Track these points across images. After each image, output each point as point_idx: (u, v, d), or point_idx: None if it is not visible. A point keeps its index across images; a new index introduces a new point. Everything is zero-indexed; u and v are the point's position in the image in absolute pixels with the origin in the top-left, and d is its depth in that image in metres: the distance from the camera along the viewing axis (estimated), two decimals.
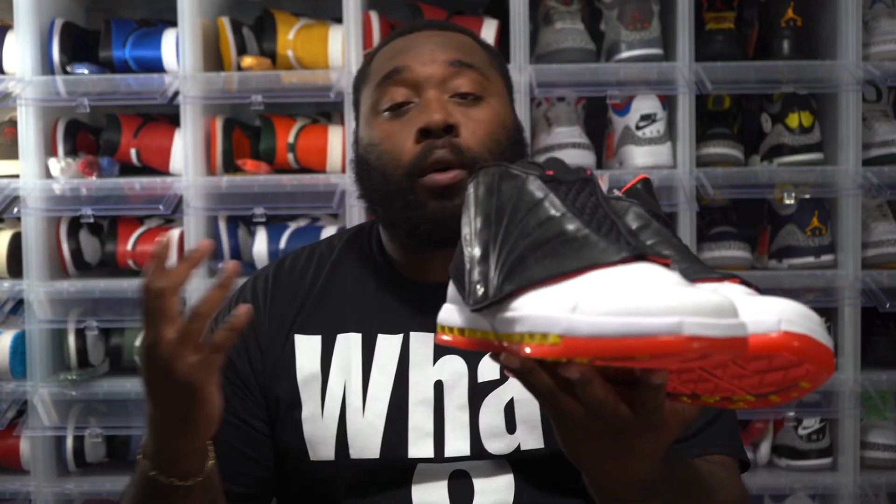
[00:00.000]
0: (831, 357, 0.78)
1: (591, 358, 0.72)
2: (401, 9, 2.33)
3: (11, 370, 2.19)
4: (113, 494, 2.21)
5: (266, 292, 1.26)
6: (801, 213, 2.19)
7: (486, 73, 1.21)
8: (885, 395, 2.25)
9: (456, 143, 1.15)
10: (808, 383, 0.79)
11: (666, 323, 0.68)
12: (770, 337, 0.75)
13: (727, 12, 2.21)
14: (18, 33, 2.19)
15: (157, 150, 2.24)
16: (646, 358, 0.70)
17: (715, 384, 0.81)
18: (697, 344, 0.69)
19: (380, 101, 1.20)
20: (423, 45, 1.21)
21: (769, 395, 0.81)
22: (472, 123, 1.17)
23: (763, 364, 0.77)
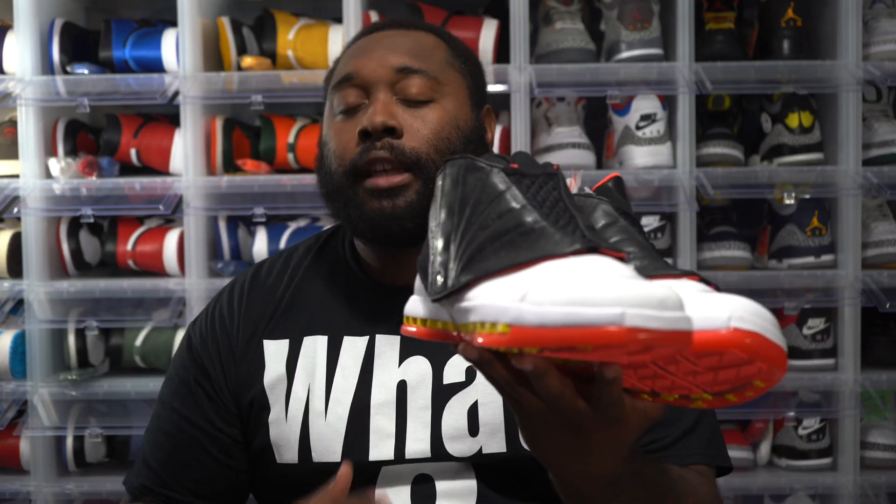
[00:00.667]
0: (783, 355, 0.78)
1: (539, 348, 0.72)
2: (401, 9, 2.33)
3: (11, 370, 2.19)
4: (113, 494, 2.21)
5: (241, 299, 1.27)
6: (801, 213, 2.19)
7: (438, 75, 1.21)
8: (885, 395, 2.25)
9: (395, 145, 1.16)
10: (761, 382, 0.79)
11: (608, 313, 0.69)
12: (719, 333, 0.76)
13: (727, 12, 2.21)
14: (18, 33, 2.19)
15: (157, 150, 2.24)
16: (589, 349, 0.70)
17: (671, 381, 0.82)
18: (640, 335, 0.69)
19: (335, 103, 1.22)
20: (377, 48, 1.22)
21: (725, 394, 0.82)
22: (417, 124, 1.18)
23: (714, 361, 0.78)
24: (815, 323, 2.20)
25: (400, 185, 1.15)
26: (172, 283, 2.17)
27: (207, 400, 1.24)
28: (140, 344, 2.22)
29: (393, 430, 1.16)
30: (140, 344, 2.22)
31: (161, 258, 2.21)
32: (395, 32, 1.25)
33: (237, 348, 1.24)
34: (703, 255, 2.21)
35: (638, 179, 2.14)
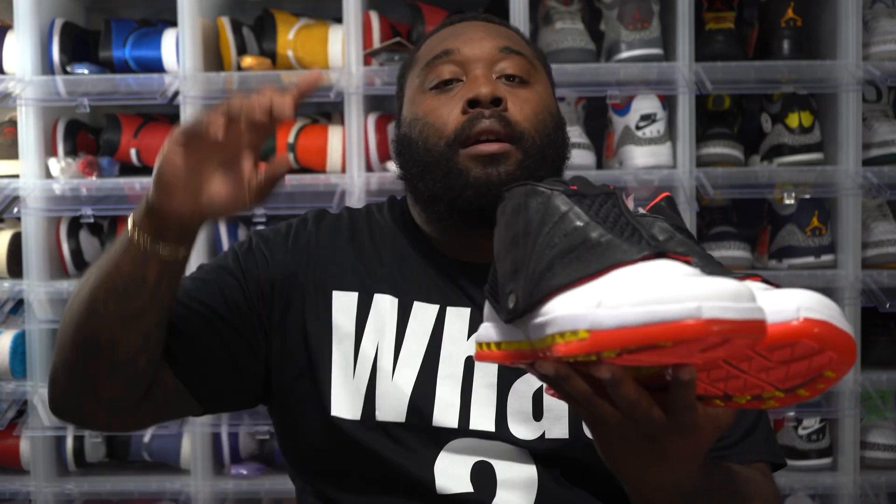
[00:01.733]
0: (852, 343, 0.80)
1: (619, 350, 0.74)
2: (401, 9, 2.33)
3: (11, 370, 2.19)
4: (113, 494, 2.21)
5: (316, 236, 1.25)
6: (801, 213, 2.19)
7: (533, 62, 1.24)
8: (885, 395, 2.25)
9: (504, 116, 1.16)
10: (832, 372, 0.80)
11: (686, 308, 0.71)
12: (790, 324, 0.78)
13: (727, 12, 2.21)
14: (18, 33, 2.19)
15: (156, 150, 2.20)
16: (669, 345, 0.72)
17: (744, 381, 0.82)
18: (717, 327, 0.71)
19: (426, 79, 1.22)
20: (473, 31, 1.24)
21: (797, 390, 0.82)
22: (519, 101, 1.19)
23: (786, 353, 0.79)
24: None
25: (504, 152, 1.15)
26: None
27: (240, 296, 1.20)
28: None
29: (458, 402, 1.15)
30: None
31: None
32: (485, 24, 1.27)
33: (305, 279, 1.21)
34: None
35: (638, 179, 2.14)
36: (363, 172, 2.15)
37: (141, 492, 2.19)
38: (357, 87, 2.13)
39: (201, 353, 1.18)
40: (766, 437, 1.19)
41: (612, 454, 0.88)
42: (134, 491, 2.19)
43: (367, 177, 2.14)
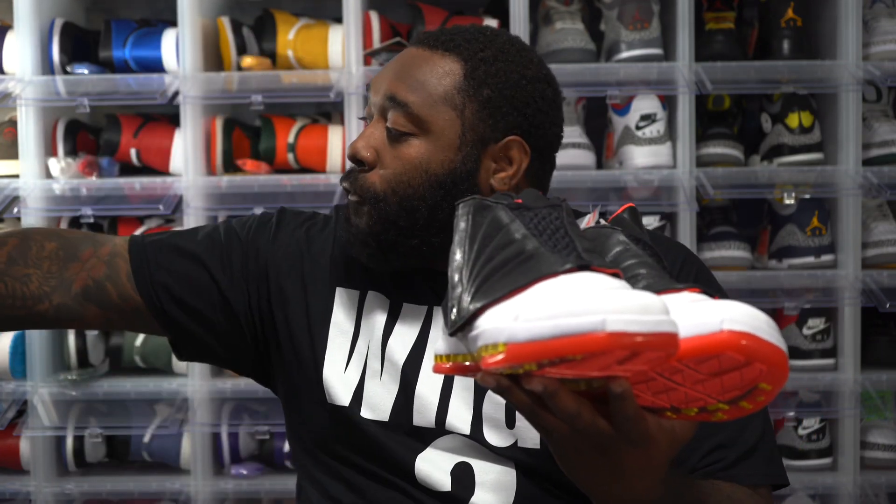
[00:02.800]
0: (779, 354, 0.80)
1: (535, 363, 0.75)
2: (401, 9, 2.33)
3: (11, 370, 2.19)
4: (113, 494, 2.21)
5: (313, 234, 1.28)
6: (801, 213, 2.19)
7: (423, 111, 1.16)
8: (885, 395, 2.25)
9: (360, 177, 1.18)
10: (767, 384, 0.81)
11: (590, 321, 0.73)
12: (712, 336, 0.78)
13: (727, 12, 2.21)
14: (18, 33, 2.19)
15: (157, 150, 2.24)
16: (579, 358, 0.74)
17: (684, 393, 0.83)
18: (622, 340, 0.72)
19: None
20: (388, 69, 1.22)
21: (739, 402, 0.82)
22: (388, 158, 1.18)
23: (714, 365, 0.79)
24: (815, 323, 2.20)
25: (356, 206, 1.19)
26: None
27: (222, 273, 1.24)
28: (140, 344, 2.22)
29: (436, 401, 1.18)
30: (140, 344, 2.22)
31: None
32: (415, 52, 1.21)
33: (308, 270, 1.25)
34: (703, 255, 2.21)
35: (638, 179, 2.14)
36: None
37: (141, 492, 2.19)
38: (357, 87, 2.13)
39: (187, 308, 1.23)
40: (767, 458, 1.17)
41: (568, 466, 0.88)
42: (134, 491, 2.19)
43: None
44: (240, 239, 1.26)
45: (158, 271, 1.22)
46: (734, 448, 1.15)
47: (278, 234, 1.27)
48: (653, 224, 2.18)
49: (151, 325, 1.24)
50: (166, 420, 2.18)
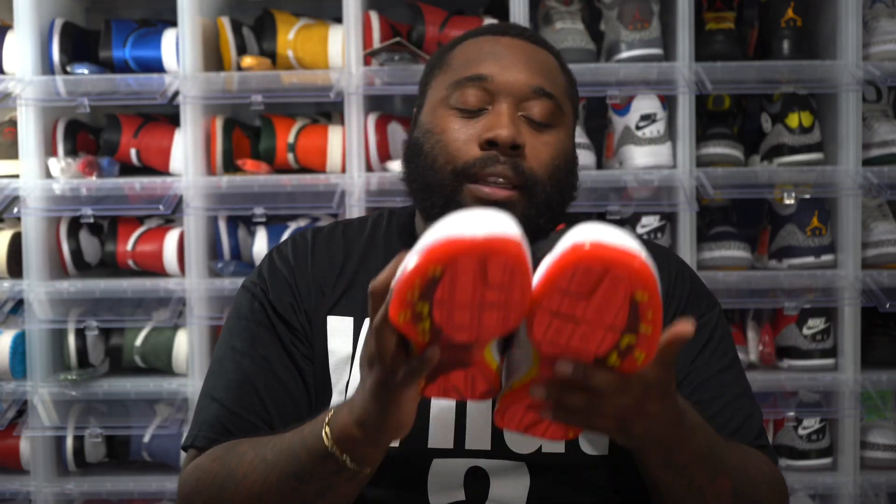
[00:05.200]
0: (628, 255, 0.84)
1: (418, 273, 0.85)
2: (401, 9, 2.33)
3: (11, 370, 2.19)
4: (113, 494, 2.21)
5: (307, 260, 1.25)
6: (801, 213, 2.19)
7: (562, 102, 1.22)
8: (885, 395, 2.25)
9: (519, 163, 1.16)
10: (640, 292, 0.85)
11: (425, 241, 0.85)
12: (562, 253, 0.85)
13: (727, 12, 2.21)
14: (18, 33, 2.19)
15: (157, 150, 2.24)
16: (438, 269, 0.84)
17: (584, 332, 0.88)
18: (463, 245, 0.82)
19: (453, 96, 1.20)
20: (512, 57, 1.21)
21: (638, 329, 0.87)
22: (538, 146, 1.18)
23: (582, 284, 0.85)
24: (815, 323, 2.20)
25: (506, 199, 1.15)
26: (172, 283, 2.17)
27: (291, 343, 1.21)
28: (140, 344, 2.22)
29: (452, 421, 1.15)
30: (140, 344, 2.22)
31: (161, 258, 2.21)
32: (527, 45, 1.23)
33: (307, 306, 1.22)
34: (703, 255, 2.21)
35: (638, 179, 2.14)
36: (363, 172, 2.15)
37: (141, 492, 2.19)
38: (357, 87, 2.13)
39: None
40: (742, 418, 1.21)
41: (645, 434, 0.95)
42: (134, 491, 2.19)
43: (367, 177, 2.14)
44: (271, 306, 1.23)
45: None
46: (748, 433, 1.19)
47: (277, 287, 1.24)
48: (653, 224, 2.18)
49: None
50: (166, 420, 2.18)
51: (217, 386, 1.21)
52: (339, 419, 1.00)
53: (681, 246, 2.14)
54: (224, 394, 1.19)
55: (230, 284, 2.15)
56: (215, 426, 1.18)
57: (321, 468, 1.01)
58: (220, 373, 1.21)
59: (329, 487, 1.03)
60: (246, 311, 1.24)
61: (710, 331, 1.23)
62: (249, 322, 1.22)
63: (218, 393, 1.20)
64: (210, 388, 1.21)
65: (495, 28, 1.28)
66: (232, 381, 1.20)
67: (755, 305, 2.21)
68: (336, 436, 0.99)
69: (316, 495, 1.03)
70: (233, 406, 1.18)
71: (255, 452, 1.09)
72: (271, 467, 1.06)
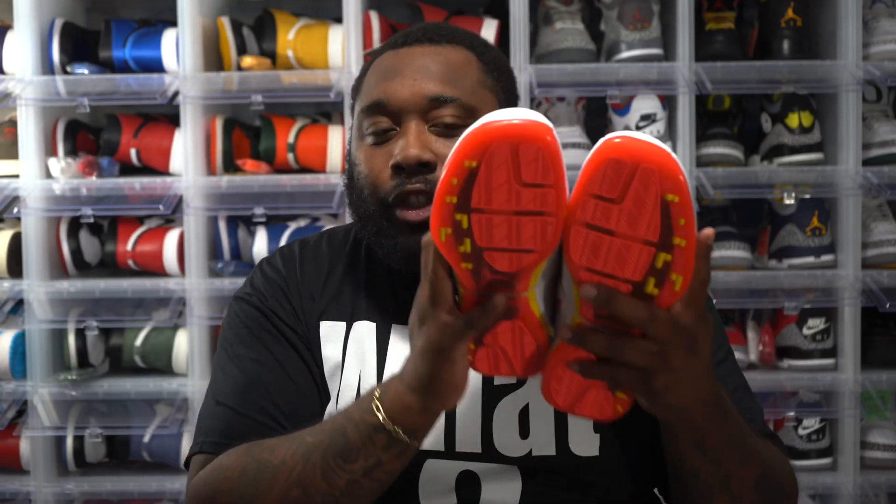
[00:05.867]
0: (657, 148, 0.84)
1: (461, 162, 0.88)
2: (401, 9, 2.33)
3: (11, 370, 2.19)
4: (113, 494, 2.21)
5: (298, 268, 1.25)
6: (801, 213, 2.19)
7: (471, 100, 1.18)
8: (885, 395, 2.25)
9: (430, 178, 1.14)
10: (671, 194, 0.84)
11: (471, 129, 0.87)
12: (594, 151, 0.86)
13: (727, 12, 2.21)
14: (18, 33, 2.19)
15: (157, 150, 2.24)
16: (473, 162, 0.86)
17: (620, 246, 0.87)
18: (495, 130, 0.85)
19: (363, 125, 1.20)
20: (408, 71, 1.19)
21: (672, 240, 0.85)
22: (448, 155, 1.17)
23: (613, 184, 0.85)
24: (815, 323, 2.20)
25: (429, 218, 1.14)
26: (172, 283, 2.17)
27: (299, 342, 1.21)
28: (140, 344, 2.22)
29: (442, 422, 1.15)
30: (140, 344, 2.22)
31: (161, 258, 2.21)
32: (425, 49, 1.21)
33: (300, 313, 1.22)
34: None
35: None
36: None
37: (141, 492, 2.19)
38: None
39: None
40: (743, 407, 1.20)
41: (673, 389, 0.92)
42: (134, 491, 2.19)
43: None
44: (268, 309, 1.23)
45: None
46: (755, 422, 1.17)
47: (273, 294, 1.24)
48: None
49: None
50: (166, 420, 2.18)
51: (222, 392, 1.19)
52: (391, 390, 1.00)
53: None
54: (231, 398, 1.18)
55: (230, 284, 2.15)
56: (224, 430, 1.16)
57: (370, 444, 1.00)
58: (225, 379, 1.20)
59: (378, 465, 1.01)
60: (245, 320, 1.23)
61: None
62: (252, 330, 1.22)
63: (224, 398, 1.19)
64: (214, 395, 1.20)
65: (397, 40, 1.25)
66: (239, 384, 1.19)
67: (755, 305, 2.21)
68: (388, 407, 0.99)
69: (364, 473, 1.02)
70: (241, 409, 1.17)
71: (290, 440, 1.07)
72: (313, 448, 1.04)
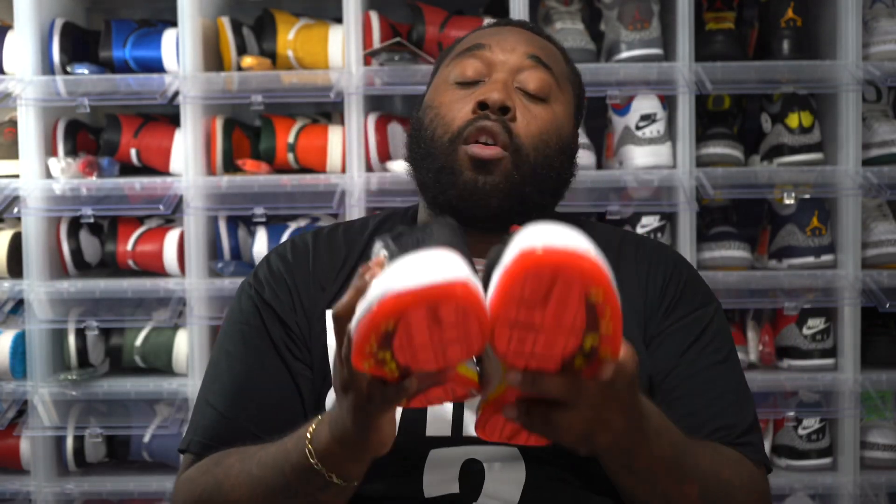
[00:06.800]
0: (577, 256, 0.81)
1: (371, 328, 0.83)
2: (401, 9, 2.33)
3: (11, 370, 2.19)
4: (113, 494, 2.21)
5: (307, 258, 1.27)
6: (801, 213, 2.19)
7: (559, 80, 1.25)
8: (885, 395, 2.25)
9: (507, 123, 1.18)
10: (594, 290, 0.82)
11: (374, 295, 0.82)
12: (510, 261, 0.82)
13: (727, 12, 2.21)
14: (18, 33, 2.19)
15: (157, 150, 2.24)
16: (391, 323, 0.82)
17: (546, 338, 0.85)
18: (409, 297, 0.80)
19: (453, 71, 1.24)
20: (510, 34, 1.25)
21: (599, 328, 0.84)
22: (529, 116, 1.20)
23: (541, 291, 0.82)
24: (815, 323, 2.20)
25: (496, 158, 1.17)
26: (172, 283, 2.17)
27: (284, 345, 1.22)
28: (140, 344, 2.22)
29: (450, 413, 1.16)
30: (140, 344, 2.22)
31: (161, 258, 2.21)
32: (528, 32, 1.28)
33: (307, 303, 1.23)
34: (703, 255, 2.21)
35: (638, 179, 2.14)
36: (363, 172, 2.15)
37: (141, 492, 2.19)
38: (357, 87, 2.13)
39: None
40: (759, 441, 1.20)
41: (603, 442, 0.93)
42: (134, 491, 2.19)
43: (367, 177, 2.14)
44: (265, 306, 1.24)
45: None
46: (734, 429, 1.18)
47: (274, 286, 1.24)
48: (653, 224, 2.18)
49: None
50: (166, 420, 2.18)
51: (212, 391, 1.23)
52: (321, 437, 1.01)
53: (681, 246, 2.14)
54: (218, 399, 1.21)
55: (230, 284, 2.15)
56: (209, 432, 1.20)
57: (307, 484, 1.02)
58: (215, 377, 1.23)
59: (316, 502, 1.04)
60: (238, 313, 1.26)
61: (704, 326, 1.23)
62: (242, 325, 1.24)
63: (212, 398, 1.22)
64: (206, 393, 1.23)
65: (499, 21, 1.33)
66: (226, 385, 1.21)
67: (755, 305, 2.21)
68: (319, 454, 1.00)
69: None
70: (226, 412, 1.20)
71: (242, 466, 1.10)
72: (257, 482, 1.07)
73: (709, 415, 1.18)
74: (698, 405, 1.17)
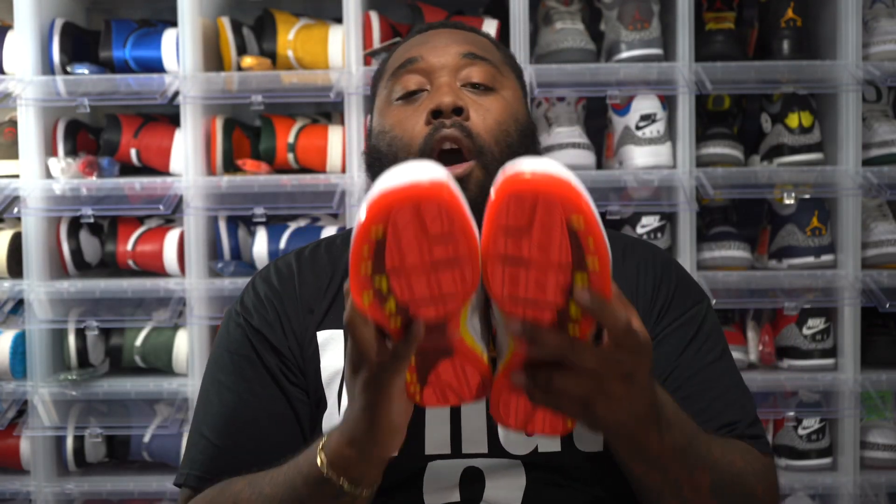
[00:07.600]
0: (555, 178, 0.83)
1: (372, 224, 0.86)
2: (401, 9, 2.33)
3: (11, 370, 2.19)
4: (113, 494, 2.21)
5: (293, 280, 1.25)
6: (801, 213, 2.19)
7: (500, 67, 1.24)
8: (885, 395, 2.25)
9: (465, 126, 1.17)
10: (575, 216, 0.84)
11: (368, 196, 0.86)
12: (493, 188, 0.86)
13: (727, 12, 2.21)
14: (18, 33, 2.19)
15: (157, 150, 2.24)
16: (379, 229, 0.85)
17: (537, 278, 0.87)
18: (393, 196, 0.84)
19: (393, 90, 1.22)
20: (438, 38, 1.24)
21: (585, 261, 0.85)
22: (482, 111, 1.19)
23: (525, 216, 0.85)
24: (815, 323, 2.20)
25: (466, 174, 1.16)
26: (172, 283, 2.17)
27: (279, 371, 1.21)
28: (140, 344, 2.22)
29: (448, 424, 1.15)
30: (140, 344, 2.22)
31: (161, 258, 2.21)
32: (452, 31, 1.28)
33: (297, 328, 1.22)
34: (703, 255, 2.21)
35: (638, 179, 2.14)
36: (363, 172, 2.15)
37: (141, 492, 2.19)
38: (357, 87, 2.13)
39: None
40: (763, 433, 1.21)
41: (608, 420, 0.93)
42: (134, 491, 2.19)
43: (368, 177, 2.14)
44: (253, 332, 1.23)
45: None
46: (740, 423, 1.18)
47: (263, 312, 1.23)
48: (653, 224, 2.18)
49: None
50: (166, 420, 2.18)
51: (204, 422, 1.21)
52: (332, 442, 1.00)
53: (681, 246, 2.14)
54: (211, 431, 1.20)
55: (230, 284, 2.15)
56: (204, 464, 1.19)
57: (319, 495, 1.02)
58: (207, 407, 1.22)
59: None
60: (227, 341, 1.24)
61: (698, 324, 1.23)
62: (233, 354, 1.22)
63: (205, 430, 1.20)
64: (198, 423, 1.22)
65: (421, 28, 1.31)
66: (217, 416, 1.20)
67: (755, 305, 2.21)
68: (330, 459, 1.00)
69: None
70: (220, 443, 1.19)
71: (252, 489, 1.09)
72: (269, 500, 1.07)
73: (714, 412, 1.18)
74: (703, 404, 1.17)
